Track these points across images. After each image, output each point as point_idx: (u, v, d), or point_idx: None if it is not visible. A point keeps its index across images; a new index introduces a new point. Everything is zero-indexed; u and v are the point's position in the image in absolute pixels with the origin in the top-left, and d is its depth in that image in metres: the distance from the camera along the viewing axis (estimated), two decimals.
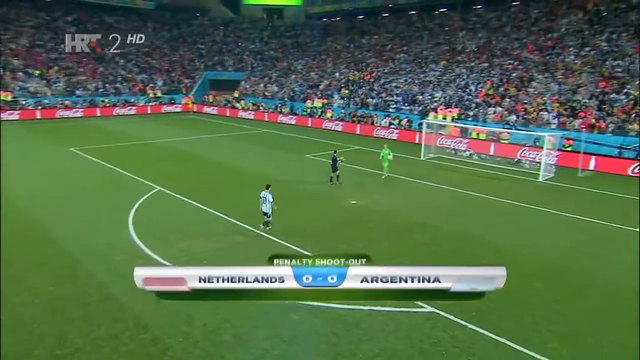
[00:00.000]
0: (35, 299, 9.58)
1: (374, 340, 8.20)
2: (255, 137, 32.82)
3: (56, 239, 12.68)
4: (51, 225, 13.75)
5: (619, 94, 27.40)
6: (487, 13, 48.17)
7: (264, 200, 13.04)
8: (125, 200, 16.15)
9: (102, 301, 9.54)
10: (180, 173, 20.72)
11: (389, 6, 60.62)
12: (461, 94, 34.00)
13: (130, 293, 9.56)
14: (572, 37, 36.68)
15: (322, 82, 44.47)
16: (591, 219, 14.98)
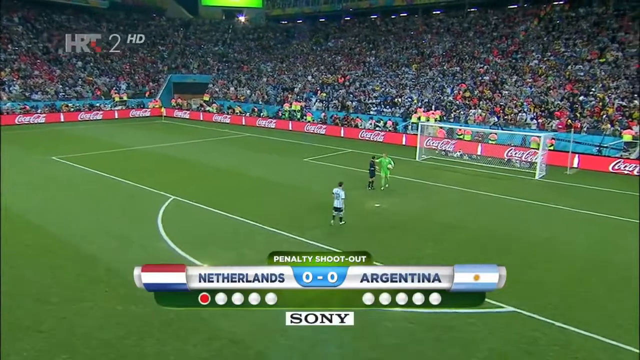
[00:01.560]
0: (109, 319, 8.98)
1: (477, 342, 8.35)
2: (242, 141, 32.23)
3: (94, 255, 11.89)
4: (79, 240, 12.83)
5: (587, 96, 29.69)
6: (448, 18, 50.24)
7: (337, 197, 13.80)
8: (145, 211, 15.45)
9: (182, 319, 9.10)
10: (186, 180, 19.99)
11: (349, 10, 61.83)
12: (439, 96, 35.29)
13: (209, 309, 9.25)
14: (533, 43, 39.20)
15: (296, 85, 44.38)
16: (602, 214, 16.13)
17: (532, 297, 9.92)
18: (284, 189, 19.09)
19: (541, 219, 15.69)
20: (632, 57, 32.62)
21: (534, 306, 9.48)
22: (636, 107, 27.23)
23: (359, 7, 60.29)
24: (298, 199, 17.52)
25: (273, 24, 66.77)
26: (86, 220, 14.55)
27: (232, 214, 15.21)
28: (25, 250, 11.95)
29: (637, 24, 36.05)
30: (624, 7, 38.76)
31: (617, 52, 33.75)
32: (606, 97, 28.77)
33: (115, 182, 19.28)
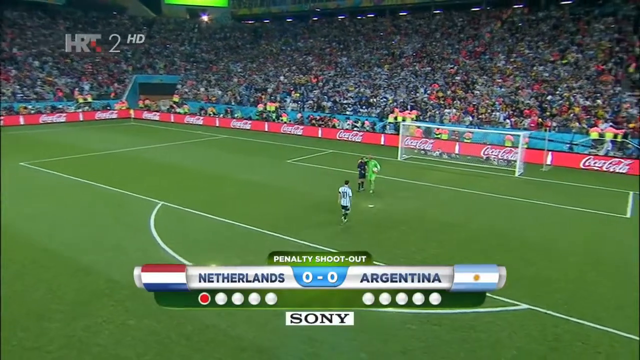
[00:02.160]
0: (124, 335, 8.51)
1: (502, 342, 8.41)
2: (219, 143, 31.52)
3: (90, 267, 11.24)
4: (71, 252, 12.09)
5: (554, 96, 31.04)
6: (415, 19, 51.23)
7: (343, 195, 14.03)
8: (136, 219, 14.81)
9: (201, 331, 8.75)
10: (171, 185, 19.31)
11: (316, 10, 61.91)
12: (413, 96, 35.88)
13: (225, 318, 8.97)
14: (499, 44, 40.60)
15: (268, 86, 43.91)
16: (586, 210, 16.88)
17: (542, 294, 10.19)
18: (273, 191, 18.81)
19: (532, 216, 16.21)
20: (591, 59, 34.43)
21: (547, 303, 9.73)
22: (599, 106, 28.72)
23: (326, 7, 60.47)
24: (289, 201, 17.31)
25: (240, 24, 65.87)
26: (75, 230, 13.76)
27: (226, 219, 14.82)
28: (13, 266, 11.14)
29: (591, 27, 38.13)
30: (579, 12, 40.88)
31: (577, 54, 35.49)
32: (571, 97, 30.17)
33: (97, 188, 18.34)
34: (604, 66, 33.03)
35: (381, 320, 8.96)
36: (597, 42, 36.13)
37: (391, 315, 9.07)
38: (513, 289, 10.01)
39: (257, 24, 65.34)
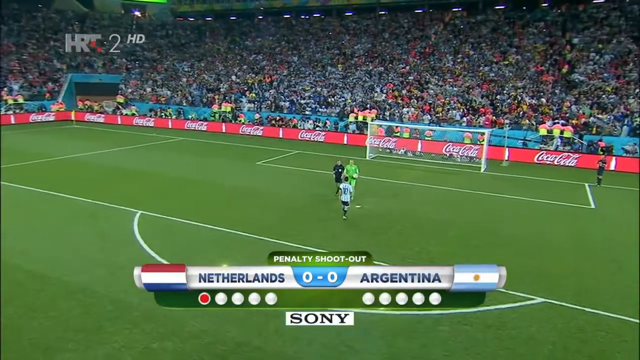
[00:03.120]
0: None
1: (534, 337, 8.56)
2: (179, 145, 30.05)
3: (88, 287, 10.23)
4: (60, 272, 10.92)
5: (502, 95, 32.97)
6: (361, 20, 52.16)
7: (344, 191, 14.47)
8: (118, 231, 13.72)
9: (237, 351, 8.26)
10: (143, 192, 18.13)
11: (261, 9, 61.15)
12: (370, 95, 36.47)
13: (256, 333, 8.59)
14: (445, 45, 42.43)
15: (221, 86, 42.59)
16: (557, 202, 18.02)
17: (551, 287, 10.57)
18: (253, 194, 18.25)
19: (510, 211, 17.01)
20: (529, 60, 36.99)
21: (558, 295, 10.12)
22: (543, 104, 30.94)
23: (272, 6, 59.95)
24: (274, 205, 16.89)
25: (181, 21, 63.39)
26: (54, 247, 12.46)
27: (217, 226, 14.13)
28: None
29: (526, 31, 41.00)
30: (513, 16, 43.79)
31: (517, 56, 37.97)
32: (518, 96, 32.23)
33: (61, 199, 16.74)
34: (542, 67, 35.65)
35: (409, 323, 8.97)
36: (532, 44, 38.89)
37: (417, 318, 9.08)
38: (524, 283, 10.50)
39: (199, 21, 63.29)
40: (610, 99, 29.77)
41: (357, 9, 55.90)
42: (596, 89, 31.10)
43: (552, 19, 42.00)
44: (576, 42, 37.58)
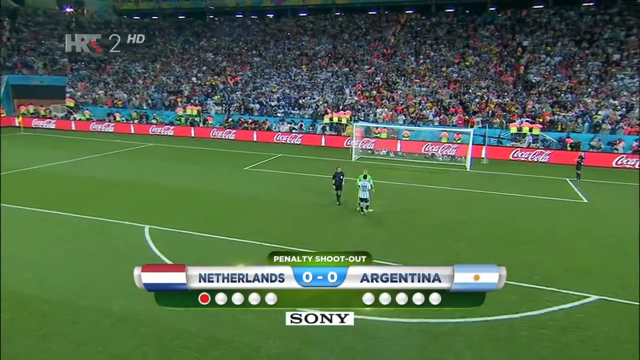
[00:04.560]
0: None
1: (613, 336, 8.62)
2: (152, 152, 28.15)
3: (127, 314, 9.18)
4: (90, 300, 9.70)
5: (470, 95, 34.24)
6: (317, 20, 52.09)
7: (363, 188, 15.21)
8: (135, 250, 12.54)
9: None
10: (140, 204, 16.73)
11: (212, 8, 59.25)
12: (341, 96, 36.42)
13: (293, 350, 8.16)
14: (405, 47, 43.42)
15: (183, 88, 40.59)
16: (547, 197, 19.01)
17: (596, 283, 10.83)
18: (255, 202, 17.43)
19: (513, 208, 17.54)
20: (487, 61, 38.78)
21: (607, 291, 10.40)
22: (509, 103, 32.53)
23: (225, 5, 58.22)
24: (283, 211, 16.24)
25: (126, 20, 59.78)
26: (70, 271, 11.08)
27: (234, 237, 13.35)
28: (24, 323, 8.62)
29: (479, 33, 42.99)
30: (465, 19, 45.78)
31: (475, 57, 39.67)
32: (485, 96, 33.65)
33: (54, 216, 14.95)
34: (500, 68, 37.52)
35: (480, 330, 8.84)
36: (487, 46, 40.80)
37: (488, 323, 9.01)
38: (569, 281, 10.87)
39: (146, 20, 60.07)
40: (567, 97, 31.93)
41: (312, 10, 55.72)
42: (553, 89, 33.22)
43: (501, 23, 44.28)
44: (526, 44, 39.88)
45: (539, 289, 10.58)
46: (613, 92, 31.70)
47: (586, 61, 35.71)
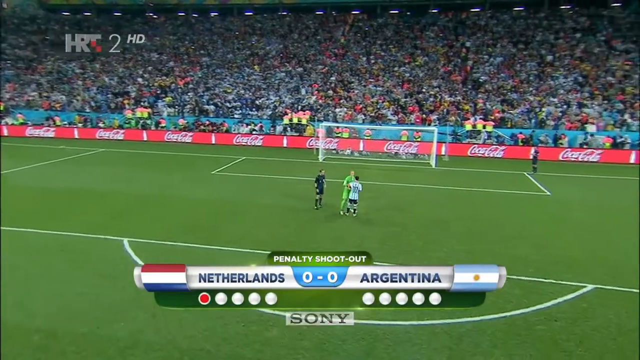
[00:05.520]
0: None
1: (623, 325, 9.03)
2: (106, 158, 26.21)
3: (134, 338, 8.39)
4: (88, 326, 8.73)
5: (424, 94, 35.28)
6: (265, 20, 51.34)
7: (354, 189, 15.32)
8: (116, 266, 11.46)
9: None
10: (108, 215, 15.35)
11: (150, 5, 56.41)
12: (297, 96, 36.09)
13: None
14: (356, 47, 43.94)
15: (129, 89, 38.21)
16: (513, 192, 20.04)
17: (588, 272, 11.39)
18: (234, 207, 16.76)
19: (487, 203, 18.21)
20: (436, 61, 40.23)
21: (600, 280, 10.94)
22: (460, 101, 33.94)
23: (165, 2, 55.58)
24: (269, 216, 15.71)
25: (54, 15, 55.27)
26: (55, 294, 9.89)
27: (221, 246, 12.71)
28: None
29: (424, 34, 44.53)
30: (409, 21, 47.21)
31: (424, 57, 41.02)
32: (437, 95, 34.85)
33: (18, 233, 13.34)
34: (449, 67, 39.07)
35: (497, 327, 8.96)
36: (433, 46, 42.34)
37: (503, 320, 9.21)
38: (563, 272, 11.38)
39: (77, 16, 55.90)
40: (513, 96, 33.90)
41: (258, 9, 54.75)
42: (499, 87, 35.13)
43: (444, 24, 46.12)
44: (469, 45, 41.85)
45: (537, 281, 10.99)
46: (551, 91, 34.13)
47: (524, 62, 38.11)
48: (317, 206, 16.57)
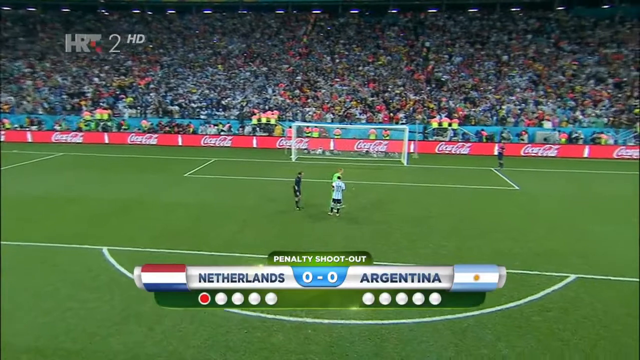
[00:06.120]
0: None
1: (614, 312, 9.49)
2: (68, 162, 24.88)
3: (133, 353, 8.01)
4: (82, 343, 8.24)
5: (390, 93, 35.83)
6: (225, 19, 50.41)
7: (337, 189, 15.31)
8: (100, 276, 10.95)
9: None
10: (86, 223, 14.59)
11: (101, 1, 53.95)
12: (264, 95, 35.67)
13: None
14: (319, 46, 44.00)
15: (85, 90, 36.29)
16: (484, 187, 20.73)
17: (568, 263, 11.92)
18: (215, 211, 16.36)
19: (462, 199, 18.73)
20: (399, 61, 40.98)
21: (579, 270, 11.53)
22: (425, 100, 34.75)
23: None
24: (250, 220, 15.38)
25: None
26: (40, 310, 9.25)
27: (210, 252, 12.42)
28: None
29: (386, 34, 45.27)
30: (371, 20, 47.84)
31: (387, 57, 41.68)
32: (403, 93, 35.51)
33: None
34: (411, 67, 39.91)
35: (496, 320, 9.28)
36: (395, 46, 43.13)
37: (501, 312, 9.52)
38: (546, 264, 11.90)
39: (20, 11, 52.42)
40: (474, 94, 35.12)
41: (217, 7, 53.58)
42: (461, 86, 36.28)
43: (404, 24, 47.09)
44: (429, 45, 42.96)
45: (524, 274, 11.42)
46: (509, 89, 35.65)
47: (482, 61, 39.60)
48: (297, 207, 16.44)
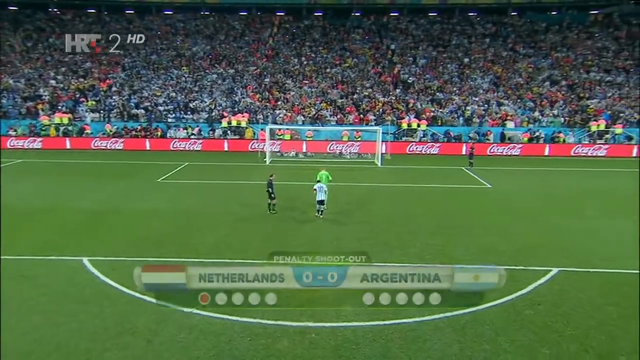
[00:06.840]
0: None
1: (598, 304, 9.94)
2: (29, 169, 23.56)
3: None
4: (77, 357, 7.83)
5: (359, 94, 36.15)
6: (187, 20, 49.31)
7: (319, 189, 15.32)
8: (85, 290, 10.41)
9: None
10: (61, 233, 13.86)
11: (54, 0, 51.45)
12: (234, 99, 35.10)
13: None
14: (286, 48, 43.84)
15: (41, 92, 34.37)
16: (459, 186, 21.38)
17: (547, 257, 12.40)
18: (195, 217, 15.87)
19: (439, 198, 19.24)
20: (365, 63, 41.46)
21: (562, 263, 12.02)
22: (394, 101, 35.34)
23: None
24: (232, 225, 15.10)
25: None
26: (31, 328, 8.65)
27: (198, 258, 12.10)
28: None
29: (351, 36, 45.71)
30: (335, 23, 48.20)
31: (353, 59, 42.09)
32: (371, 95, 35.94)
33: None
34: (378, 69, 40.48)
35: (499, 313, 9.60)
36: (361, 48, 43.64)
37: (493, 309, 9.82)
38: (530, 258, 12.35)
39: None
40: (440, 96, 36.08)
41: (178, 8, 52.27)
42: (426, 88, 37.17)
43: (368, 27, 47.75)
44: (394, 47, 43.78)
45: (511, 269, 11.74)
46: (472, 91, 36.88)
47: (446, 64, 40.78)
48: (270, 211, 16.13)
